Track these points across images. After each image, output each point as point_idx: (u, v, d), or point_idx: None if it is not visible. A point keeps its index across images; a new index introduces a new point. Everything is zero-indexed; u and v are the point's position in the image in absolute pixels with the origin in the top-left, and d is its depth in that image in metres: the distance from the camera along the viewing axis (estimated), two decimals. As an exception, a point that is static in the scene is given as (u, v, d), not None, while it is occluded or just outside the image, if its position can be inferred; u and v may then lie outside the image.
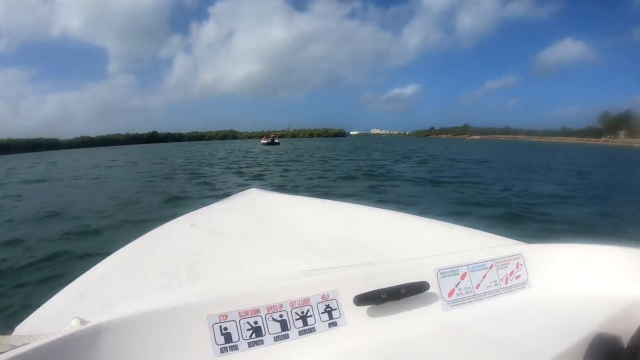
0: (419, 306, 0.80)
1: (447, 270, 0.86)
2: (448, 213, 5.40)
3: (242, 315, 0.70)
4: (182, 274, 0.91)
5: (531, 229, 4.86)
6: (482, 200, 7.08)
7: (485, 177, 10.68)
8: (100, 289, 0.91)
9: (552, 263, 0.94)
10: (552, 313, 0.82)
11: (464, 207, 6.40)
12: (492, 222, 5.00)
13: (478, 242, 1.06)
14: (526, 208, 6.28)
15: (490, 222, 5.06)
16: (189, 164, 19.05)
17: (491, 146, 46.05)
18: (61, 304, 0.87)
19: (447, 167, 13.82)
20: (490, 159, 19.01)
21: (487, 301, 0.86)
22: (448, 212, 5.55)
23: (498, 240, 1.07)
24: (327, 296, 0.76)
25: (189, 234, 1.26)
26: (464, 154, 24.35)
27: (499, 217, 5.59)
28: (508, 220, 5.39)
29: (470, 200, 6.95)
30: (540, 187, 8.80)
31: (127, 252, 1.17)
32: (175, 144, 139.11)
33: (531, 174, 11.90)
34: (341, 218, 1.41)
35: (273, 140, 55.19)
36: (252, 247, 1.10)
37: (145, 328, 0.66)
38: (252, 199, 1.77)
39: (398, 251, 1.01)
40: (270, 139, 55.35)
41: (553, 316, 0.81)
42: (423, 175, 11.24)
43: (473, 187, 8.62)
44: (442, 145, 47.87)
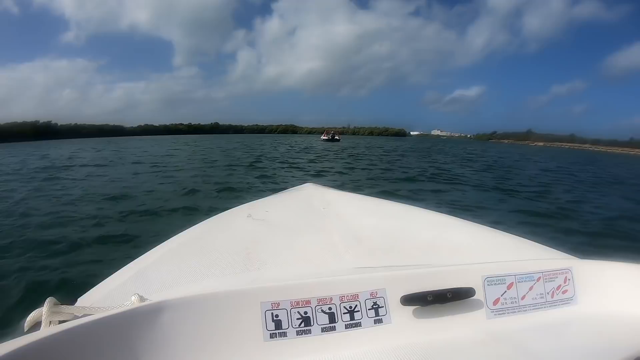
0: (463, 312, 0.81)
1: (494, 279, 0.85)
2: (516, 223, 5.16)
3: (293, 305, 0.73)
4: (237, 262, 0.96)
5: (609, 247, 4.49)
6: (553, 211, 6.62)
7: (557, 187, 10.01)
8: (158, 270, 0.96)
9: (601, 280, 0.91)
10: (596, 332, 0.80)
11: (535, 217, 6.03)
12: (564, 237, 4.72)
13: (527, 252, 1.06)
14: (607, 225, 5.82)
15: (562, 235, 4.78)
16: (250, 156, 19.60)
17: (557, 154, 43.10)
18: (121, 281, 0.92)
19: (514, 175, 13.14)
20: (559, 168, 17.86)
21: (531, 313, 0.85)
22: (516, 222, 5.29)
23: (547, 252, 1.06)
24: (375, 293, 0.78)
25: (245, 224, 1.31)
26: (533, 161, 22.95)
27: (573, 231, 5.23)
28: (584, 235, 5.05)
29: (541, 212, 6.52)
30: (619, 203, 8.12)
31: (185, 237, 1.24)
32: (236, 135, 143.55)
33: (608, 188, 11.00)
34: (394, 218, 1.42)
35: (333, 136, 55.21)
36: (305, 240, 1.13)
37: (202, 309, 0.71)
38: (307, 194, 1.81)
39: (447, 255, 1.03)
40: (330, 135, 55.38)
41: (597, 335, 0.79)
42: (489, 181, 10.75)
43: (545, 198, 8.09)
44: (506, 150, 45.44)
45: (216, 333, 0.69)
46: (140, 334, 0.66)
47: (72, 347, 0.59)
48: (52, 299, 0.74)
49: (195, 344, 0.68)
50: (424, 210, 1.51)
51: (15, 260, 3.76)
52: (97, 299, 0.84)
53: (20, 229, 4.97)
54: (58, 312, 0.73)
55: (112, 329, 0.64)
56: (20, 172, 12.15)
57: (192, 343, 0.68)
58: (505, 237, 1.19)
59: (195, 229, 1.32)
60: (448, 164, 16.89)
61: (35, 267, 3.56)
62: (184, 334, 0.68)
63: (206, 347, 0.68)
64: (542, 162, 22.06)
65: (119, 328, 0.65)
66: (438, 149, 37.58)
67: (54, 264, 3.65)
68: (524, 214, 6.32)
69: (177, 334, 0.68)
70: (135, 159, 17.42)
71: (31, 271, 3.45)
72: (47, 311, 0.71)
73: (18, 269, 3.47)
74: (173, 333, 0.68)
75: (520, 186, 9.98)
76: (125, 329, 0.65)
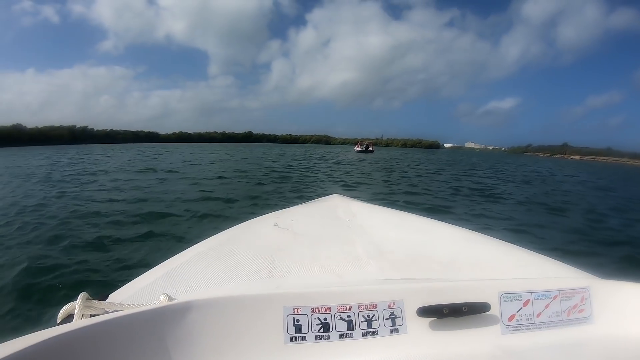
0: (478, 326, 0.82)
1: (510, 295, 0.86)
2: (565, 250, 4.68)
3: (313, 311, 0.76)
4: (262, 268, 0.98)
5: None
6: (605, 236, 5.93)
7: (603, 206, 9.20)
8: (186, 272, 0.98)
9: (619, 301, 0.90)
10: (612, 353, 0.80)
11: (588, 245, 5.36)
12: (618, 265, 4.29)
13: (546, 269, 1.06)
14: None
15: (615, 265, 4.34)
16: (285, 166, 19.68)
17: (598, 169, 40.89)
18: (150, 281, 0.95)
19: (559, 192, 12.44)
20: (610, 185, 16.75)
21: (546, 331, 0.85)
22: (564, 247, 4.89)
23: (566, 270, 1.05)
24: (393, 304, 0.80)
25: (271, 232, 1.33)
26: (573, 177, 21.90)
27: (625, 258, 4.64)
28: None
29: (593, 236, 5.92)
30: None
31: (213, 242, 1.25)
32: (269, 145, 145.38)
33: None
34: (417, 231, 1.42)
35: (367, 148, 55.30)
36: (329, 250, 1.14)
37: (227, 310, 0.74)
38: (333, 205, 1.82)
39: (466, 269, 1.03)
40: (364, 147, 55.58)
41: (612, 357, 0.79)
42: (534, 198, 10.21)
43: (597, 220, 7.38)
44: (543, 164, 43.70)
45: (240, 334, 0.73)
46: (168, 331, 0.69)
47: (102, 339, 0.63)
48: (85, 294, 0.78)
49: (220, 343, 0.71)
50: (446, 224, 1.53)
51: (56, 254, 3.99)
52: (127, 296, 0.88)
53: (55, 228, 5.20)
54: (90, 307, 0.77)
55: (141, 324, 0.68)
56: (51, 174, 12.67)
57: (217, 342, 0.71)
58: (525, 253, 1.19)
59: (222, 235, 1.35)
60: (501, 183, 16.25)
61: (71, 262, 3.74)
62: (209, 333, 0.72)
63: (230, 346, 0.72)
64: (592, 181, 20.80)
65: (147, 324, 0.68)
66: (476, 162, 36.48)
67: (90, 259, 3.82)
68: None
69: (203, 333, 0.71)
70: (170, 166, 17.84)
71: (67, 266, 3.63)
72: (79, 305, 0.76)
73: (57, 265, 3.66)
74: (199, 332, 0.71)
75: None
76: (153, 325, 0.69)
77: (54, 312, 0.78)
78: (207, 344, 0.71)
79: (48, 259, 3.84)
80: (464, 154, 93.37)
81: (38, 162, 20.19)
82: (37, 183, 10.55)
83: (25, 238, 4.69)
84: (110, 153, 33.72)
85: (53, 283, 3.26)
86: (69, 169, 15.85)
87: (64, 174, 13.35)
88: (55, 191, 8.81)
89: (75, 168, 16.17)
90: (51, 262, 3.73)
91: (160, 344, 0.68)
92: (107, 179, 11.65)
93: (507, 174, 20.73)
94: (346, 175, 15.25)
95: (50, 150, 38.97)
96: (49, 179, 11.74)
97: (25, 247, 4.27)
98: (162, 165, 17.78)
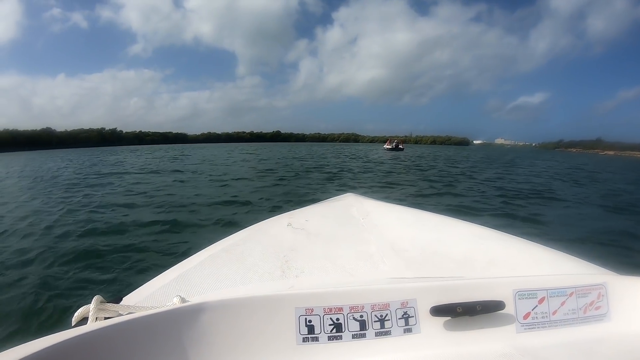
0: (493, 325, 0.80)
1: (525, 293, 0.84)
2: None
3: (326, 312, 0.76)
4: (276, 269, 0.97)
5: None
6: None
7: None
8: (199, 274, 0.97)
9: (636, 297, 0.87)
10: (629, 351, 0.78)
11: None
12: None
13: (562, 266, 1.04)
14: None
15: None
16: (319, 165, 19.29)
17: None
18: (164, 283, 0.95)
19: (617, 191, 11.47)
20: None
21: (562, 329, 0.83)
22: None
23: (581, 266, 1.04)
24: (406, 303, 0.79)
25: (285, 232, 1.31)
26: (621, 174, 20.43)
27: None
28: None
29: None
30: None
31: (226, 244, 1.22)
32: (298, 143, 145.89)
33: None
34: (431, 230, 1.39)
35: (397, 145, 54.30)
36: (343, 249, 1.12)
37: (240, 311, 0.73)
38: (348, 204, 1.79)
39: (481, 267, 1.00)
40: (394, 144, 54.58)
41: (630, 354, 0.77)
42: (595, 199, 9.33)
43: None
44: (579, 160, 41.62)
45: (252, 335, 0.73)
46: (181, 333, 0.69)
47: (116, 341, 0.63)
48: (99, 297, 0.79)
49: (233, 344, 0.71)
50: (461, 221, 1.51)
51: (68, 256, 4.13)
52: (141, 299, 0.87)
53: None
54: (104, 310, 0.77)
55: (155, 326, 0.68)
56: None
57: (230, 343, 0.71)
58: (541, 249, 1.16)
59: (236, 236, 1.33)
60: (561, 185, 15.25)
61: (85, 265, 3.85)
62: (222, 334, 0.72)
63: (243, 347, 0.72)
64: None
65: (160, 326, 0.68)
66: (513, 159, 34.90)
67: (103, 262, 3.94)
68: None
69: (216, 334, 0.71)
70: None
71: (81, 269, 3.73)
72: (94, 308, 0.76)
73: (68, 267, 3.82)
74: (212, 333, 0.71)
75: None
76: (166, 327, 0.69)
77: (68, 315, 0.78)
78: (221, 345, 0.71)
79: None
80: (495, 150, 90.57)
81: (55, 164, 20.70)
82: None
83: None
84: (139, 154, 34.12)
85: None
86: (82, 171, 16.08)
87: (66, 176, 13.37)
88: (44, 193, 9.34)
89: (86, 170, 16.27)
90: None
91: (174, 345, 0.68)
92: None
93: (553, 171, 19.56)
94: (386, 176, 14.65)
95: (72, 154, 40.12)
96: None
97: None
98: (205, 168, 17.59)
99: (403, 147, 57.21)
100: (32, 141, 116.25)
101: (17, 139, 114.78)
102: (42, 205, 7.80)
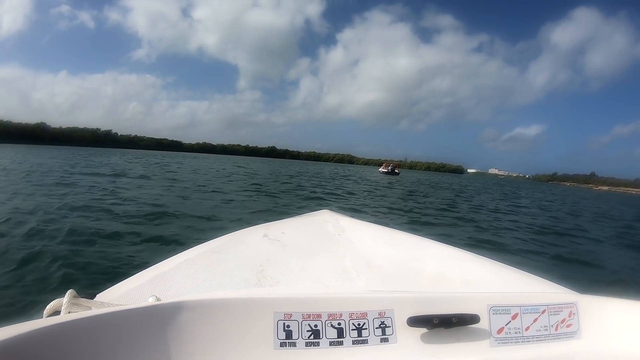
0: (468, 338, 0.81)
1: (499, 308, 0.85)
2: None
3: (304, 317, 0.75)
4: (251, 277, 0.95)
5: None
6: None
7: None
8: (175, 276, 0.95)
9: (606, 317, 0.89)
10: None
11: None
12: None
13: (534, 286, 1.05)
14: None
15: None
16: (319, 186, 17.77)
17: (635, 201, 37.07)
18: (139, 283, 0.92)
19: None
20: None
21: (534, 345, 0.84)
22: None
23: (553, 287, 1.06)
24: (383, 313, 0.79)
25: (261, 243, 1.28)
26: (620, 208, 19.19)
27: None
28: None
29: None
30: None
31: (202, 249, 1.19)
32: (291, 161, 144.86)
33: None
34: (406, 247, 1.38)
35: (393, 169, 53.34)
36: (318, 262, 1.10)
37: (217, 312, 0.72)
38: (324, 219, 1.74)
39: (455, 284, 1.01)
40: (390, 168, 53.60)
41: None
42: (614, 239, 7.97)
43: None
44: (577, 194, 40.60)
45: (229, 337, 0.71)
46: (157, 331, 0.68)
47: (88, 335, 0.62)
48: (73, 291, 0.77)
49: (209, 345, 0.70)
50: (435, 242, 1.48)
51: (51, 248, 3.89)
52: (115, 297, 0.86)
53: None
54: (77, 304, 0.75)
55: (129, 323, 0.66)
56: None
57: (206, 344, 0.70)
58: (513, 271, 1.17)
59: (212, 243, 1.30)
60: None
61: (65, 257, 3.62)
62: (199, 334, 0.70)
63: (219, 349, 0.70)
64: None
65: (135, 323, 0.66)
66: (514, 190, 33.60)
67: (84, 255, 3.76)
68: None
69: (192, 334, 0.70)
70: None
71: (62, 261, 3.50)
72: (67, 302, 0.74)
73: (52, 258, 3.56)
74: (188, 333, 0.69)
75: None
76: (142, 324, 0.67)
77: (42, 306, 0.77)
78: (196, 346, 0.69)
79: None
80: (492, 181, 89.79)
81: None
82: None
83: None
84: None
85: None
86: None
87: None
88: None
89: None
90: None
91: (147, 343, 0.66)
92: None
93: (555, 205, 18.20)
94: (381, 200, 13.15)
95: (60, 152, 38.63)
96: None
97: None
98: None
99: (399, 172, 56.30)
100: (24, 135, 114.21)
101: (10, 131, 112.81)
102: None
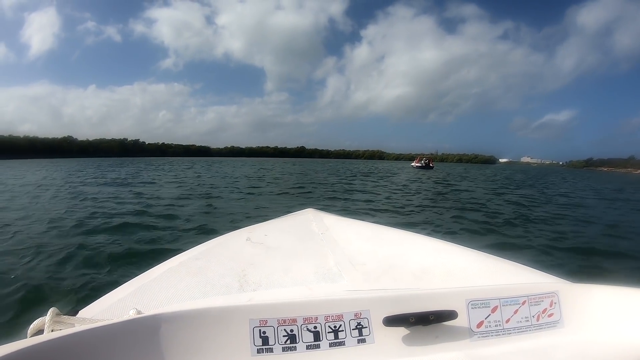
0: (447, 334, 0.80)
1: (478, 302, 0.85)
2: None
3: (280, 323, 0.76)
4: (234, 283, 0.96)
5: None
6: None
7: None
8: (157, 287, 0.96)
9: (588, 304, 0.89)
10: (582, 357, 0.79)
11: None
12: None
13: (516, 275, 1.04)
14: None
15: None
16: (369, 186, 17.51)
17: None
18: (121, 296, 0.93)
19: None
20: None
21: (516, 337, 0.84)
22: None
23: (535, 275, 1.05)
24: (359, 314, 0.79)
25: (244, 247, 1.31)
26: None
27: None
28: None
29: None
30: None
31: (185, 257, 1.21)
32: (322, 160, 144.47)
33: None
34: (390, 244, 1.39)
35: (428, 163, 52.30)
36: (301, 264, 1.11)
37: (195, 323, 0.73)
38: (307, 219, 1.77)
39: (437, 279, 1.01)
40: (424, 162, 52.64)
41: (582, 359, 0.78)
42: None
43: None
44: (622, 180, 38.16)
45: (207, 346, 0.72)
46: (136, 344, 0.69)
47: (70, 353, 0.62)
48: (55, 309, 0.78)
49: (187, 355, 0.70)
50: (420, 236, 1.51)
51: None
52: (97, 312, 0.87)
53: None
54: (60, 322, 0.76)
55: (109, 338, 0.67)
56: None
57: (184, 354, 0.70)
58: (497, 261, 1.17)
59: (194, 250, 1.31)
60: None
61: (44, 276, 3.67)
62: (177, 346, 0.71)
63: (197, 359, 0.71)
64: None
65: (115, 338, 0.67)
66: (556, 181, 31.93)
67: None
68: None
69: (170, 346, 0.71)
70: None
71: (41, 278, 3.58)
72: (49, 320, 0.76)
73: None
74: (166, 345, 0.71)
75: None
76: (121, 339, 0.68)
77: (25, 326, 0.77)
78: (175, 357, 0.70)
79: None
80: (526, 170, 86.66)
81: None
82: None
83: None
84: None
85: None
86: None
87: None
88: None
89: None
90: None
91: (129, 356, 0.67)
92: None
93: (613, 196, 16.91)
94: (427, 202, 12.78)
95: (74, 164, 40.03)
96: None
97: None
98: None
99: (433, 165, 55.15)
100: (51, 149, 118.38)
101: (36, 146, 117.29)
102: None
